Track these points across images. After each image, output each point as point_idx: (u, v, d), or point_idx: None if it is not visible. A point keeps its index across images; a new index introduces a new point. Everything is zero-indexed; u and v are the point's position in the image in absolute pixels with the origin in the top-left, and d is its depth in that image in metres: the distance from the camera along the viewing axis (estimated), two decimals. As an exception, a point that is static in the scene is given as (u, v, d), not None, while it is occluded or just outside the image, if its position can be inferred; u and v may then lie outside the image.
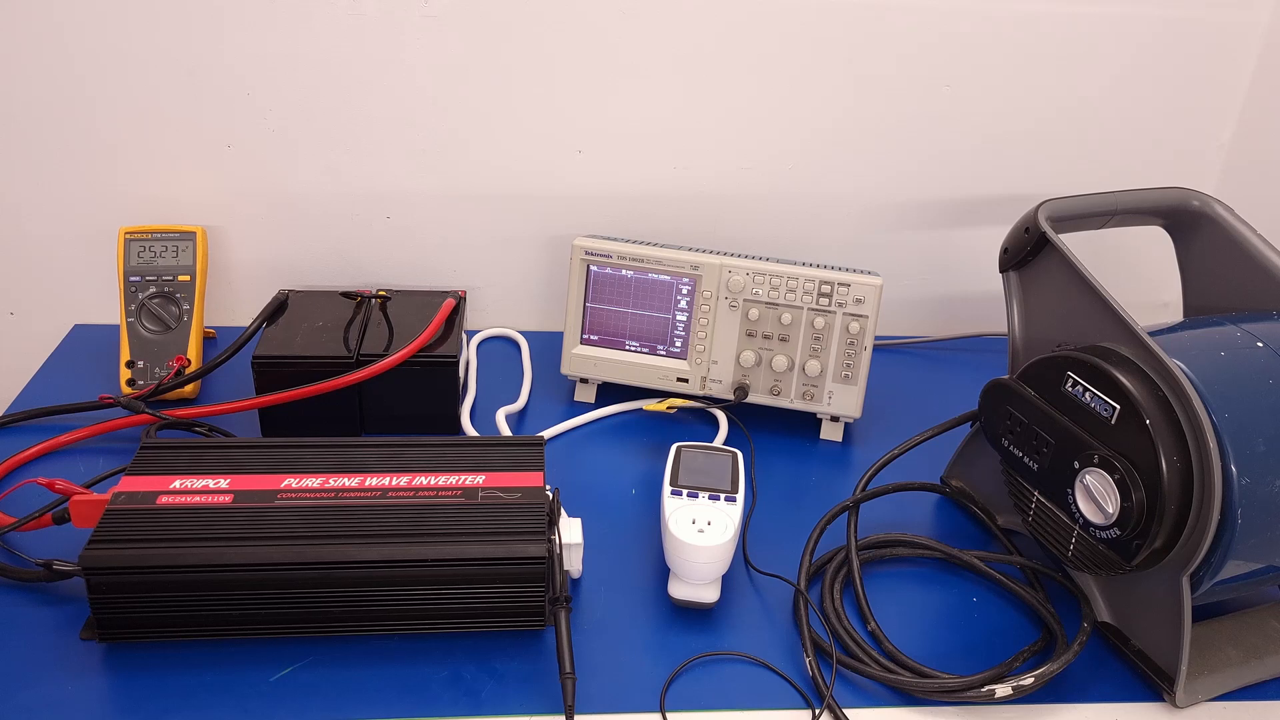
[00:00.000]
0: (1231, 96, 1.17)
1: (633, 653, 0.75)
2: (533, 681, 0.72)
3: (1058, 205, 0.85)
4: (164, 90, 1.05)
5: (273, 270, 1.15)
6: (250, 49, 1.04)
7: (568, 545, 0.78)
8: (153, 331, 1.02)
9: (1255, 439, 0.69)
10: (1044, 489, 0.78)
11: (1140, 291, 0.96)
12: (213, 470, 0.77)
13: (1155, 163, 1.19)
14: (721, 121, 1.12)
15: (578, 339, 1.05)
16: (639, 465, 0.97)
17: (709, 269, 0.99)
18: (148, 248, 1.03)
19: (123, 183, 1.09)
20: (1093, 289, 0.78)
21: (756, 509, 0.91)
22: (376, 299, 1.04)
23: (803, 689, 0.73)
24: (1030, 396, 0.79)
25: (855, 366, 0.99)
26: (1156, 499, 0.69)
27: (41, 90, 1.04)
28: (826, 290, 0.98)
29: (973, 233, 1.21)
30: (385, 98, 1.08)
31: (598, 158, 1.13)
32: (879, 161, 1.16)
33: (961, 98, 1.13)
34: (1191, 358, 0.72)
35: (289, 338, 0.98)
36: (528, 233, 1.17)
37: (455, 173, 1.12)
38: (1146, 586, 0.75)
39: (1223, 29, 1.13)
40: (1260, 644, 0.77)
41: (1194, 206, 0.89)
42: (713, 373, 1.02)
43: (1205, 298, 0.90)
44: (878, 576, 0.84)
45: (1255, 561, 0.72)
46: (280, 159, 1.10)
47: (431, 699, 0.70)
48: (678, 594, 0.79)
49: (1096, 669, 0.77)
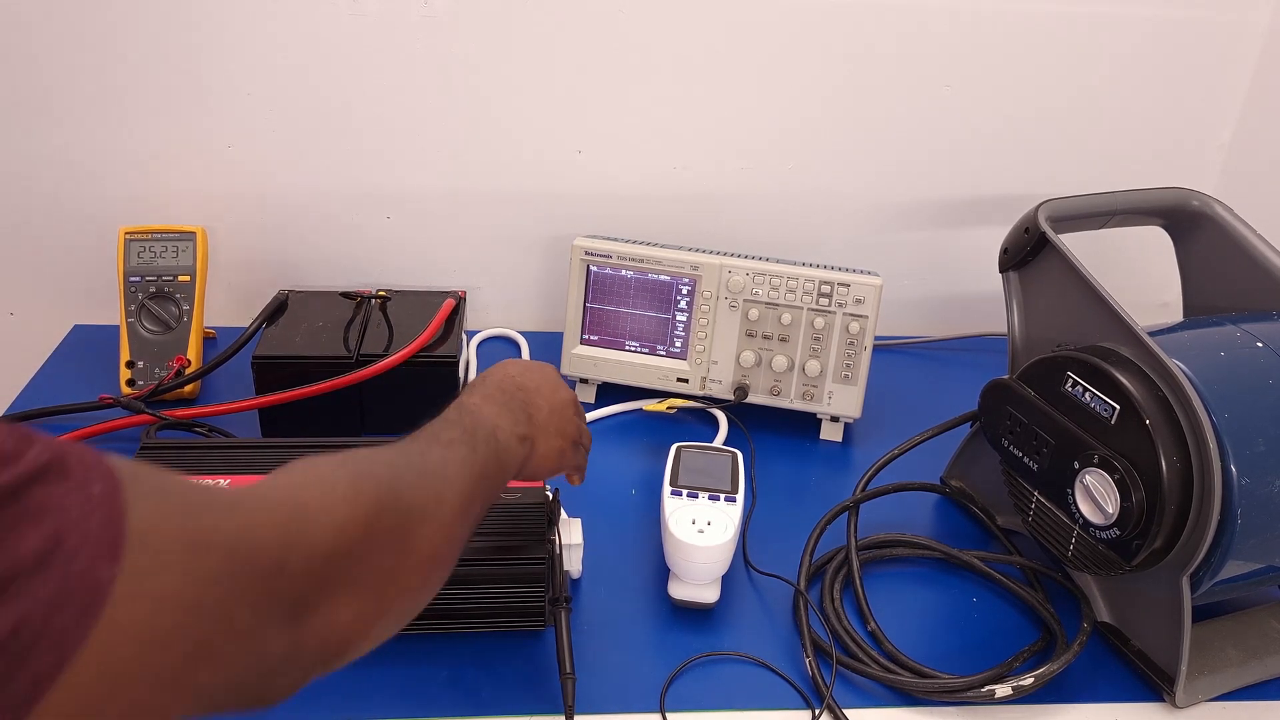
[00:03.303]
0: (1231, 96, 1.17)
1: (633, 653, 0.75)
2: (533, 681, 0.72)
3: (1058, 205, 0.85)
4: (164, 90, 1.05)
5: (273, 270, 1.15)
6: (250, 49, 1.04)
7: (568, 545, 0.78)
8: (153, 331, 1.02)
9: (1255, 439, 0.69)
10: (1044, 489, 0.78)
11: (1140, 291, 0.96)
12: (213, 470, 0.76)
13: (1155, 163, 1.19)
14: (721, 121, 1.12)
15: (578, 339, 1.05)
16: (639, 465, 0.96)
17: (709, 269, 0.99)
18: (148, 248, 1.03)
19: (123, 183, 1.09)
20: (1093, 289, 0.78)
21: (756, 509, 0.91)
22: (376, 299, 1.04)
23: (803, 689, 0.73)
24: (1030, 396, 0.78)
25: (855, 366, 0.99)
26: (1156, 499, 0.69)
27: (41, 90, 1.04)
28: (826, 290, 0.98)
29: (973, 233, 1.20)
30: (385, 98, 1.07)
31: (598, 158, 1.13)
32: (879, 161, 1.16)
33: (962, 98, 1.13)
34: (1191, 358, 0.72)
35: (289, 338, 0.98)
36: (528, 233, 1.17)
37: (455, 173, 1.12)
38: (1146, 586, 0.75)
39: (1223, 29, 1.13)
40: (1260, 644, 0.77)
41: (1194, 206, 0.89)
42: (713, 373, 1.02)
43: (1205, 298, 0.90)
44: (878, 576, 0.84)
45: (1255, 561, 0.72)
46: (280, 159, 1.10)
47: (431, 699, 0.70)
48: (678, 594, 0.79)
49: (1096, 669, 0.77)
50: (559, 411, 0.67)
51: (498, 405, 0.61)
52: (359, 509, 0.44)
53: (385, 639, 0.48)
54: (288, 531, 0.41)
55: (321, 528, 0.42)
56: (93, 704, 0.32)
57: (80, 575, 0.31)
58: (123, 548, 0.32)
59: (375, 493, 0.46)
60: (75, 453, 0.33)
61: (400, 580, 0.47)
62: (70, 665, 0.31)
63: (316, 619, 0.42)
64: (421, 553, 0.48)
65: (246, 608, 0.38)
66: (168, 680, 0.35)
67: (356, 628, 0.44)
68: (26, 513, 0.30)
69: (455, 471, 0.52)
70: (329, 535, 0.42)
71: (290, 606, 0.40)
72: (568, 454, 0.68)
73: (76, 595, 0.31)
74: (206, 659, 0.36)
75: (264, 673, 0.40)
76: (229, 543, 0.38)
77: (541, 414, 0.64)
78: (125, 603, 0.32)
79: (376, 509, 0.45)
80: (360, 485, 0.45)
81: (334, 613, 0.42)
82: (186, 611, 0.35)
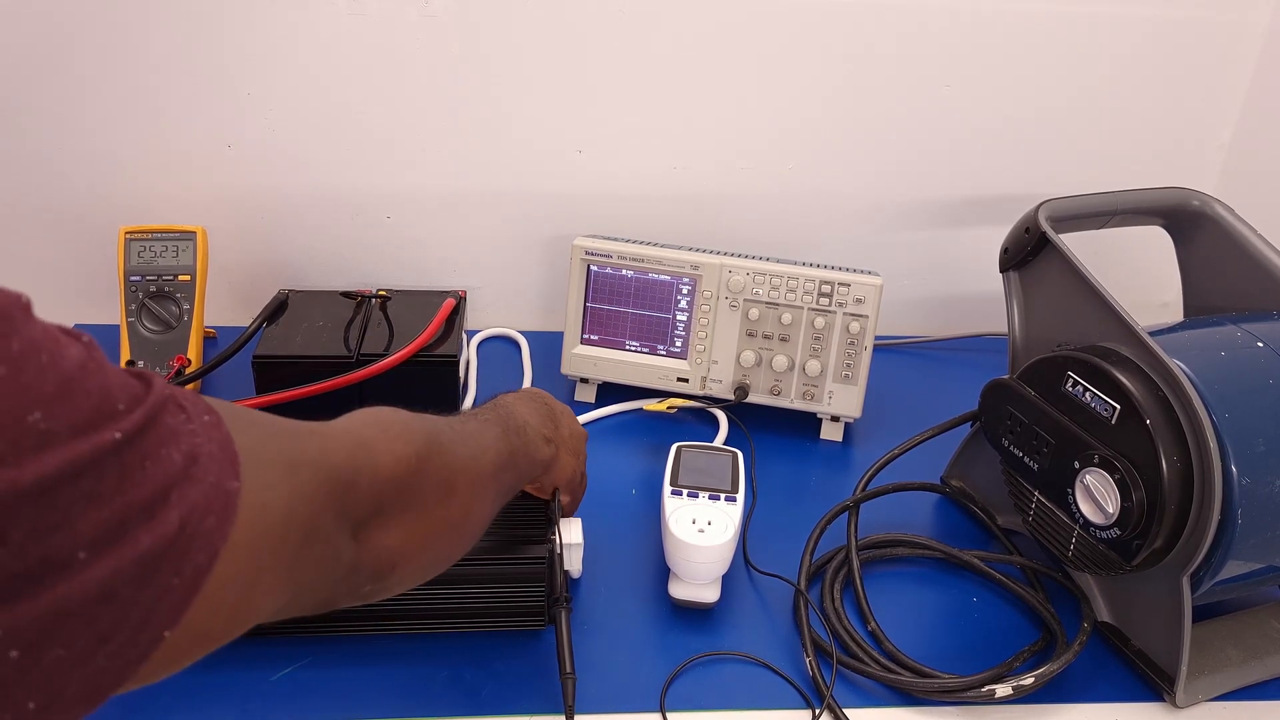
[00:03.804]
0: (1231, 96, 1.17)
1: (633, 653, 0.75)
2: (533, 681, 0.72)
3: (1058, 205, 0.85)
4: (164, 90, 1.05)
5: (273, 270, 1.15)
6: (250, 49, 1.04)
7: (568, 545, 0.78)
8: (153, 331, 1.02)
9: (1255, 439, 0.69)
10: (1044, 489, 0.78)
11: (1140, 291, 0.96)
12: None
13: (1155, 163, 1.19)
14: (721, 121, 1.12)
15: (578, 339, 1.05)
16: (639, 465, 0.96)
17: (709, 269, 0.99)
18: (148, 248, 1.03)
19: (123, 183, 1.09)
20: (1093, 289, 0.78)
21: (756, 509, 0.91)
22: (376, 299, 1.04)
23: (803, 689, 0.73)
24: (1030, 396, 0.78)
25: (855, 366, 0.99)
26: (1156, 499, 0.69)
27: (42, 90, 1.04)
28: (826, 290, 0.98)
29: (973, 233, 1.20)
30: (385, 97, 1.07)
31: (598, 158, 1.13)
32: (879, 161, 1.16)
33: (962, 98, 1.13)
34: (1191, 358, 0.72)
35: (289, 337, 0.98)
36: (528, 233, 1.17)
37: (455, 173, 1.12)
38: (1146, 586, 0.75)
39: (1223, 29, 1.13)
40: (1260, 644, 0.77)
41: (1194, 206, 0.89)
42: (713, 373, 1.02)
43: (1205, 298, 0.90)
44: (878, 576, 0.84)
45: (1255, 561, 0.72)
46: (280, 159, 1.10)
47: (431, 699, 0.70)
48: (678, 594, 0.79)
49: (1096, 669, 0.77)
50: (576, 437, 0.76)
51: (528, 407, 0.69)
52: (412, 448, 0.51)
53: (420, 579, 0.55)
54: (356, 457, 0.48)
55: (383, 456, 0.49)
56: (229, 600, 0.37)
57: (215, 485, 0.36)
58: (239, 465, 0.38)
59: (425, 439, 0.53)
60: (180, 390, 0.39)
61: (442, 516, 0.54)
62: (218, 561, 0.36)
63: (373, 537, 0.48)
64: (460, 500, 0.55)
65: (330, 519, 0.45)
66: (280, 578, 0.41)
67: (403, 549, 0.51)
68: (166, 435, 0.35)
69: (490, 443, 0.60)
70: (389, 464, 0.49)
71: (356, 523, 0.47)
72: (576, 478, 0.76)
73: (216, 502, 0.36)
74: (302, 561, 0.43)
75: (335, 579, 0.47)
76: (314, 462, 0.44)
77: (564, 430, 0.73)
78: (248, 510, 0.38)
79: (427, 451, 0.52)
80: (412, 431, 0.52)
81: (386, 534, 0.49)
82: (290, 519, 0.41)
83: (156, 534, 0.34)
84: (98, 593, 0.32)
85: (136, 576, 0.33)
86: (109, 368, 0.35)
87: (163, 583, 0.34)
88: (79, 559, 0.32)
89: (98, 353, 0.35)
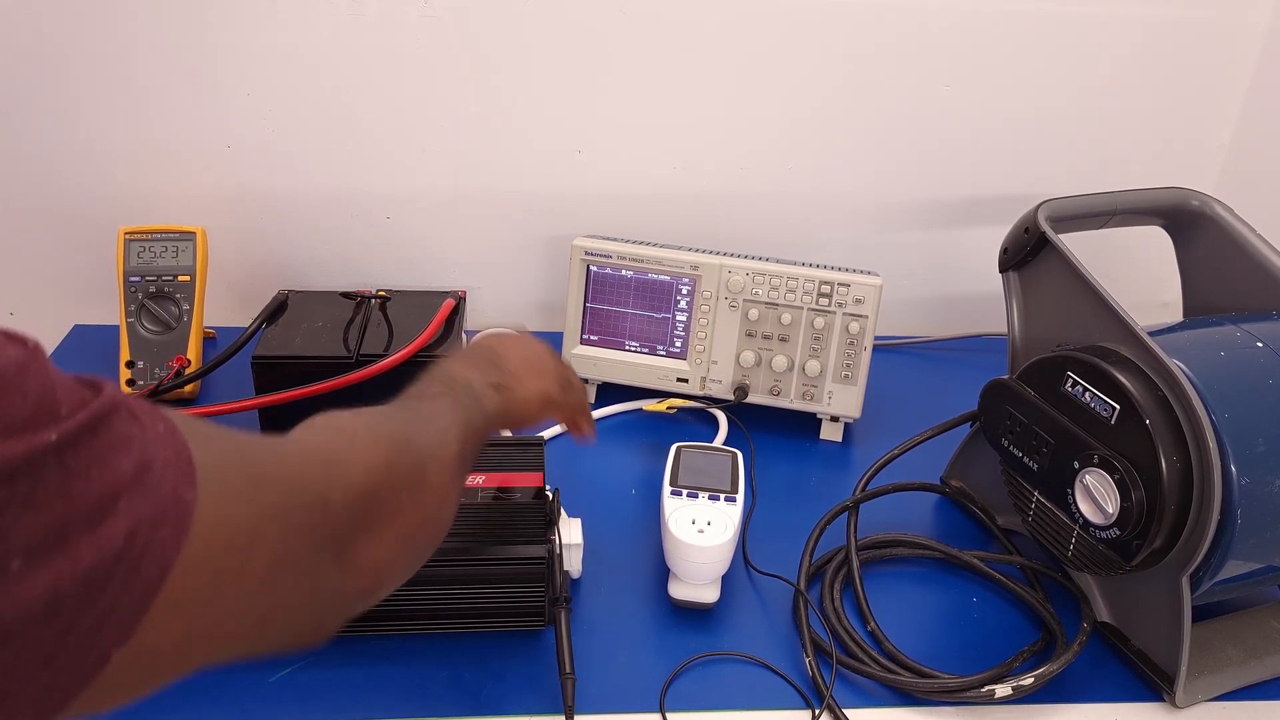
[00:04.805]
0: (1231, 96, 1.17)
1: (633, 653, 0.75)
2: (533, 681, 0.72)
3: (1057, 205, 0.85)
4: (164, 90, 1.05)
5: (273, 270, 1.15)
6: (250, 49, 1.04)
7: (568, 545, 0.78)
8: (153, 331, 1.02)
9: (1255, 439, 0.69)
10: (1044, 489, 0.78)
11: (1140, 291, 0.96)
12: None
13: (1155, 163, 1.19)
14: (721, 121, 1.12)
15: (578, 339, 1.05)
16: (639, 465, 0.96)
17: (709, 269, 0.99)
18: (148, 248, 1.03)
19: (123, 183, 1.09)
20: (1093, 289, 0.77)
21: (756, 509, 0.91)
22: (376, 299, 1.03)
23: (803, 689, 0.73)
24: (1030, 396, 0.78)
25: (855, 366, 0.99)
26: (1156, 499, 0.69)
27: (41, 90, 1.04)
28: (826, 290, 0.98)
29: (973, 233, 1.20)
30: (385, 97, 1.08)
31: (598, 158, 1.13)
32: (879, 161, 1.16)
33: (962, 98, 1.13)
34: (1191, 358, 0.72)
35: (289, 338, 0.97)
36: (528, 233, 1.17)
37: (455, 173, 1.12)
38: (1146, 586, 0.75)
39: (1223, 29, 1.13)
40: (1260, 644, 0.77)
41: (1194, 206, 0.89)
42: (713, 373, 1.02)
43: (1205, 298, 0.90)
44: (878, 576, 0.84)
45: (1255, 561, 0.72)
46: (280, 159, 1.10)
47: (431, 699, 0.70)
48: (678, 594, 0.79)
49: (1096, 669, 0.77)
50: (532, 361, 0.70)
51: (467, 363, 0.67)
52: (378, 453, 0.49)
53: (409, 575, 0.53)
54: (327, 472, 0.45)
55: (353, 469, 0.47)
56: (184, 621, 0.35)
57: (169, 496, 0.34)
58: (195, 475, 0.35)
59: (389, 439, 0.51)
60: (134, 398, 0.36)
61: (420, 514, 0.52)
62: (169, 577, 0.33)
63: (358, 557, 0.46)
64: (434, 489, 0.53)
65: (303, 541, 0.42)
66: (244, 602, 0.38)
67: (390, 560, 0.49)
68: (115, 441, 0.33)
69: (448, 419, 0.58)
70: (360, 475, 0.47)
71: (336, 543, 0.44)
72: (554, 395, 0.70)
73: (170, 513, 0.34)
74: (272, 585, 0.39)
75: (319, 606, 0.44)
76: (281, 479, 0.42)
77: (511, 363, 0.69)
78: (205, 523, 0.35)
79: (393, 452, 0.50)
80: (375, 434, 0.51)
81: (371, 548, 0.47)
82: (255, 537, 0.38)
83: (101, 544, 0.31)
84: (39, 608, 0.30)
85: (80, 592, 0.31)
86: (55, 372, 0.33)
87: (110, 597, 0.32)
88: (12, 569, 0.29)
89: (42, 356, 0.33)
